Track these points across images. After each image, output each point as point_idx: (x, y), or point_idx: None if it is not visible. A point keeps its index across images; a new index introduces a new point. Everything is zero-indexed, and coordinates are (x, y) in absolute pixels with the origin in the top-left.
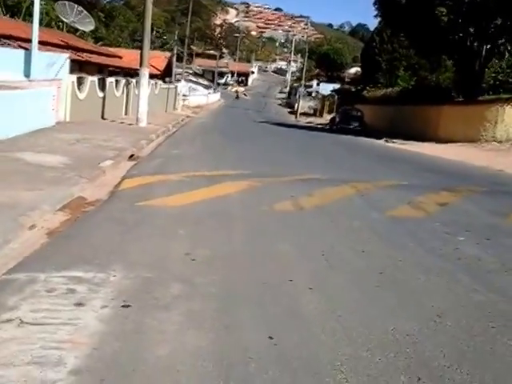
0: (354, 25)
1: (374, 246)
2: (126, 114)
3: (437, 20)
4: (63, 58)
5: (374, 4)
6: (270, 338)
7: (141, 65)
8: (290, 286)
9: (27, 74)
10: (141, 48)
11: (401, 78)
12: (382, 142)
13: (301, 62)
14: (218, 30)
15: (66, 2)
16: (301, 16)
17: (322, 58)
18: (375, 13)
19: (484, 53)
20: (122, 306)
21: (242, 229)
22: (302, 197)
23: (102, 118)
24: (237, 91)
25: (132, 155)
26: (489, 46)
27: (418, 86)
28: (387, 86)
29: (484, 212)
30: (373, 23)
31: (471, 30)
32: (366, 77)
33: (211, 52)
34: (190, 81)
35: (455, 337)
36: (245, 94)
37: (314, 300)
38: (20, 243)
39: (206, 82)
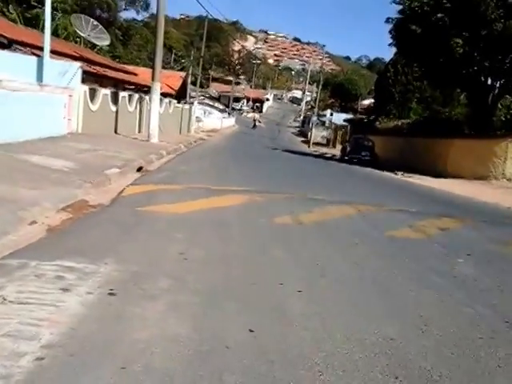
0: (371, 59)
1: (370, 259)
2: (139, 131)
3: (452, 51)
4: (75, 67)
5: (390, 32)
6: (251, 331)
7: (153, 79)
8: (279, 288)
9: (39, 81)
10: (153, 61)
11: (413, 111)
12: (390, 173)
13: (316, 92)
14: (235, 56)
15: (82, 16)
16: (317, 43)
17: (337, 88)
18: (390, 41)
19: (498, 88)
20: (108, 294)
21: (238, 236)
22: (302, 213)
23: (115, 132)
24: (254, 119)
25: (140, 168)
26: (503, 82)
27: (428, 119)
28: (399, 118)
29: (485, 239)
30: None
31: (486, 64)
32: (378, 107)
33: (228, 78)
34: (205, 104)
35: (440, 343)
36: (259, 121)
37: (300, 302)
38: (19, 236)
39: (221, 106)
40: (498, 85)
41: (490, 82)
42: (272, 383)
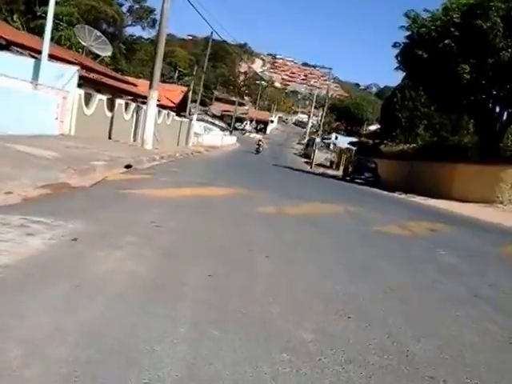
0: (381, 86)
1: (348, 242)
2: (134, 139)
3: (459, 78)
4: (72, 71)
5: (396, 57)
6: (209, 276)
7: (150, 87)
8: (248, 252)
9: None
10: (152, 69)
11: (420, 137)
12: (392, 194)
13: (322, 116)
14: (241, 77)
15: (86, 26)
16: (323, 66)
17: (343, 112)
18: (396, 66)
19: (505, 116)
20: (72, 240)
21: (215, 216)
22: (288, 207)
23: (109, 138)
24: (258, 142)
25: (129, 165)
26: (511, 110)
27: (435, 144)
28: (406, 143)
29: (477, 241)
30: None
31: (494, 92)
32: (384, 132)
33: (232, 98)
34: (206, 121)
35: (398, 300)
36: (261, 142)
37: (267, 264)
38: None
39: (222, 125)
40: (506, 113)
41: (498, 109)
42: (223, 311)
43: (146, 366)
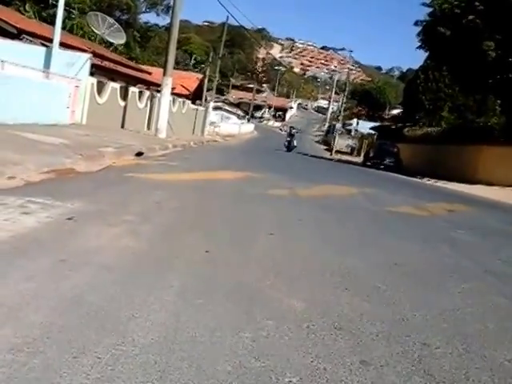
0: (404, 69)
1: (360, 220)
2: (148, 128)
3: (484, 55)
4: (84, 59)
5: (418, 35)
6: (207, 251)
7: (164, 74)
8: (251, 230)
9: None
10: (165, 54)
11: (445, 120)
12: (413, 178)
13: (343, 101)
14: (259, 63)
15: (99, 14)
16: (343, 49)
17: (365, 97)
18: (418, 45)
19: None
20: (67, 219)
21: (223, 198)
22: (301, 189)
23: (122, 127)
24: (291, 130)
25: (141, 153)
26: None
27: (459, 126)
28: (430, 126)
29: (495, 221)
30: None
31: None
32: (407, 116)
33: (250, 85)
34: (223, 109)
35: (407, 276)
36: (280, 129)
37: (269, 240)
38: None
39: (240, 113)
40: None
41: None
42: (213, 282)
43: (122, 330)
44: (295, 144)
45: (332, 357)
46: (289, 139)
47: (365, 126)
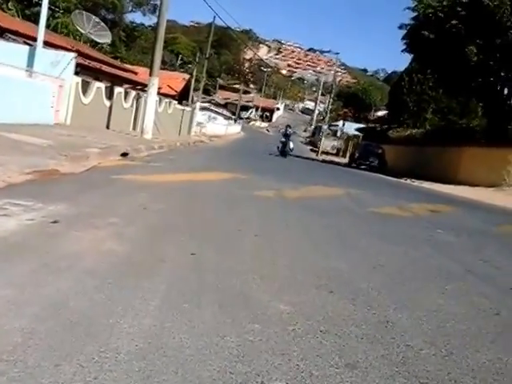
0: (389, 72)
1: (344, 221)
2: (133, 128)
3: (466, 59)
4: (68, 58)
5: (403, 39)
6: (192, 254)
7: (151, 74)
8: (236, 232)
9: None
10: (152, 54)
11: (429, 122)
12: (398, 179)
13: (329, 102)
14: (246, 64)
15: (84, 13)
16: (330, 51)
17: (350, 98)
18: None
19: None
20: (50, 222)
21: (208, 200)
22: (287, 190)
23: (107, 127)
24: (287, 130)
25: (126, 153)
26: None
27: (442, 128)
28: (414, 128)
29: (477, 221)
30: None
31: (502, 73)
32: (392, 117)
33: (237, 86)
34: (210, 110)
35: (390, 277)
36: (267, 130)
37: (254, 242)
38: None
39: (227, 113)
40: None
41: (506, 91)
42: (199, 286)
43: (106, 337)
44: (292, 147)
45: (317, 360)
46: (284, 140)
47: (350, 128)
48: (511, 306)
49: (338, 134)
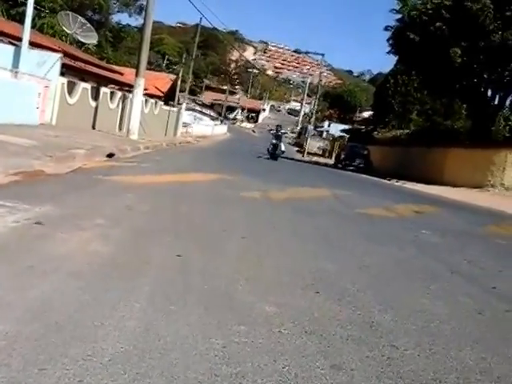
0: (374, 73)
1: (330, 223)
2: (119, 129)
3: (450, 61)
4: (54, 58)
5: (388, 41)
6: (178, 256)
7: (137, 74)
8: (222, 233)
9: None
10: (138, 54)
11: (413, 123)
12: (383, 180)
13: (315, 103)
14: (233, 65)
15: (70, 13)
16: (315, 52)
17: (336, 99)
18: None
19: (497, 100)
20: (35, 223)
21: (194, 201)
22: (273, 192)
23: (93, 128)
24: (278, 130)
25: (112, 154)
26: (502, 94)
27: (427, 129)
28: (399, 129)
29: (462, 222)
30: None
31: (485, 75)
32: (377, 118)
33: (223, 87)
34: (196, 110)
35: (375, 278)
36: (253, 131)
37: (240, 244)
38: None
39: (213, 114)
40: (497, 96)
41: (489, 93)
42: (185, 288)
43: (91, 339)
44: (283, 149)
45: (303, 361)
46: (275, 142)
47: (336, 129)
48: (494, 305)
49: (324, 134)
